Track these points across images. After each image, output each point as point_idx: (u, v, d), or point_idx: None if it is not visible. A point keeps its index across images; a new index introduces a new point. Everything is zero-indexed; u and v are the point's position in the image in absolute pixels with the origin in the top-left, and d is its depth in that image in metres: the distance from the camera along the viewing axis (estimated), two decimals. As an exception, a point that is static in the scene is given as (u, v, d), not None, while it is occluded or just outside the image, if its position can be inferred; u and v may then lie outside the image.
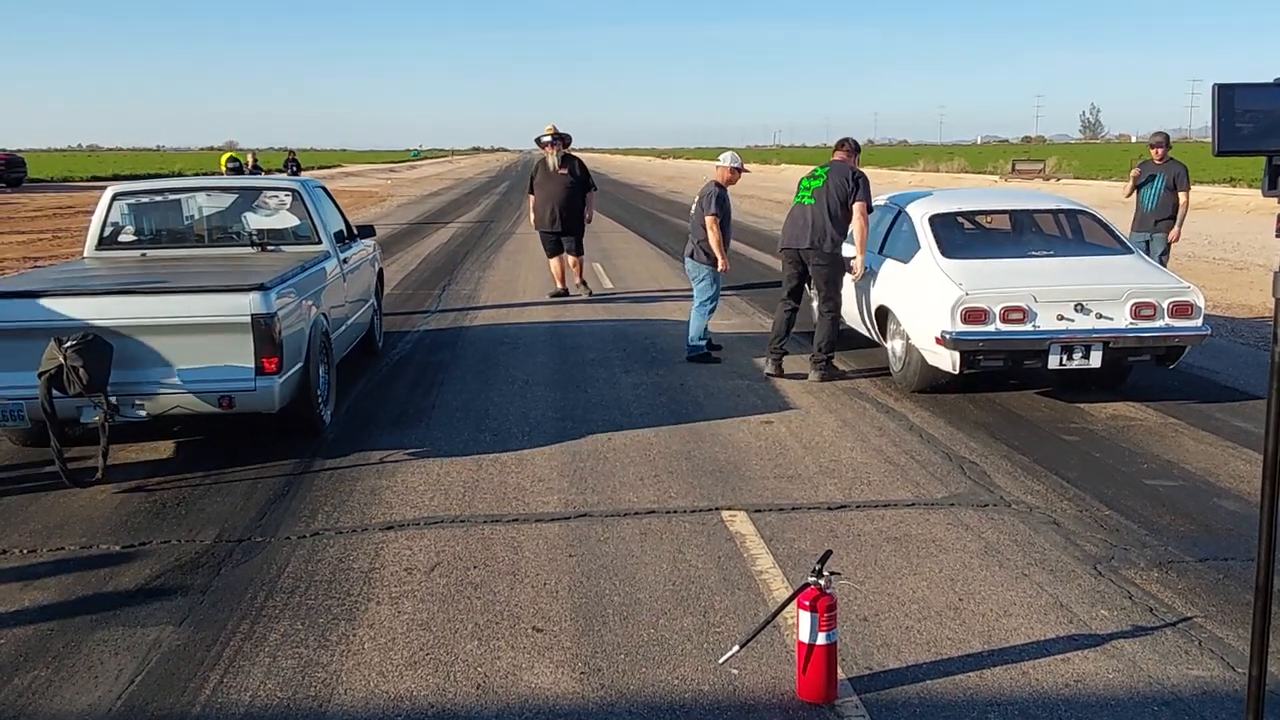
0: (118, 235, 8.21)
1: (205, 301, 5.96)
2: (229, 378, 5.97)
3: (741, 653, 3.80)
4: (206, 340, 5.93)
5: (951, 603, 4.35)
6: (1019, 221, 8.90)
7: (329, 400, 7.22)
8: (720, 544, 4.99)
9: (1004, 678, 3.73)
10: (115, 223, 8.21)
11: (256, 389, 6.00)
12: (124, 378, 5.86)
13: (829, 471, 6.07)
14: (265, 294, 5.99)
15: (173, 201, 8.68)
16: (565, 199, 12.88)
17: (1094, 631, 4.08)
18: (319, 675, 3.80)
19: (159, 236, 8.36)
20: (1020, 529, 5.17)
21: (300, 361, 6.47)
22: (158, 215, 8.52)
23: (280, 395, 6.11)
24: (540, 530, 5.20)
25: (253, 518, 5.41)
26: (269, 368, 6.00)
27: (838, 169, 8.46)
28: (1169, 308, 7.16)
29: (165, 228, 8.46)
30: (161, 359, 5.96)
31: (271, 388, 6.02)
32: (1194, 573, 4.64)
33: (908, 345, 7.78)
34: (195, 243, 8.38)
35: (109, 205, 8.19)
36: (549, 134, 12.86)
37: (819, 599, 3.47)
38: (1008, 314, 7.08)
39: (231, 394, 5.96)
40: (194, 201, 8.79)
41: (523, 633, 4.11)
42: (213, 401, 5.97)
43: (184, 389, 5.94)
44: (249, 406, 6.05)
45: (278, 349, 6.02)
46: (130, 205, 8.39)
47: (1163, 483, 5.85)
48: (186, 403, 5.98)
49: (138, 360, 5.92)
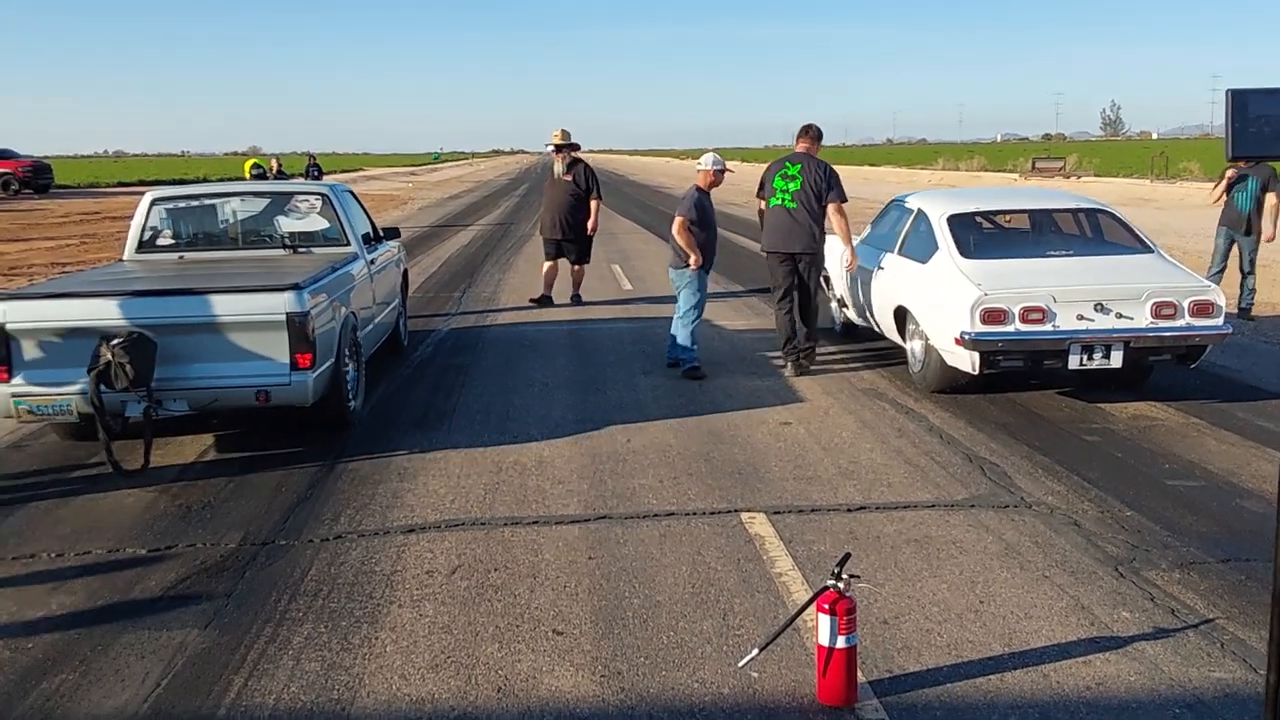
0: (156, 239, 8.51)
1: (243, 301, 6.20)
2: (265, 373, 6.23)
3: (761, 656, 3.81)
4: (244, 337, 6.18)
5: (972, 605, 4.34)
6: (1038, 221, 8.86)
7: (358, 394, 7.47)
8: (740, 546, 5.00)
9: (1025, 680, 3.73)
10: (154, 227, 8.51)
11: (291, 384, 6.25)
12: (167, 374, 6.13)
13: (848, 473, 6.08)
14: (299, 293, 6.25)
15: (208, 206, 9.01)
16: (571, 206, 12.49)
17: (1115, 633, 4.07)
18: (342, 678, 3.83)
19: (195, 240, 8.65)
20: (1041, 530, 5.16)
21: (331, 358, 6.71)
22: (194, 219, 8.82)
23: (313, 390, 6.37)
24: (560, 533, 5.23)
25: (277, 521, 5.46)
26: (303, 363, 6.26)
27: (808, 165, 8.72)
28: (1190, 307, 7.12)
29: (201, 231, 8.75)
30: (202, 356, 6.21)
31: (305, 382, 6.27)
32: (1216, 574, 4.62)
33: (927, 346, 7.77)
34: (230, 245, 8.66)
35: (148, 210, 8.50)
36: (557, 140, 12.56)
37: (839, 602, 3.48)
38: (1027, 314, 7.06)
39: (268, 388, 6.22)
40: (228, 206, 9.08)
41: (543, 635, 4.13)
42: (250, 396, 6.22)
43: (223, 384, 6.19)
44: (284, 400, 6.29)
45: (311, 346, 6.27)
46: (168, 210, 8.70)
47: (1185, 483, 5.82)
48: (225, 397, 6.24)
49: (179, 357, 6.17)
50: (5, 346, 6.14)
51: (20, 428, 7.31)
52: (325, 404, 6.72)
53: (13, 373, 6.16)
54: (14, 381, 6.15)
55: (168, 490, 5.99)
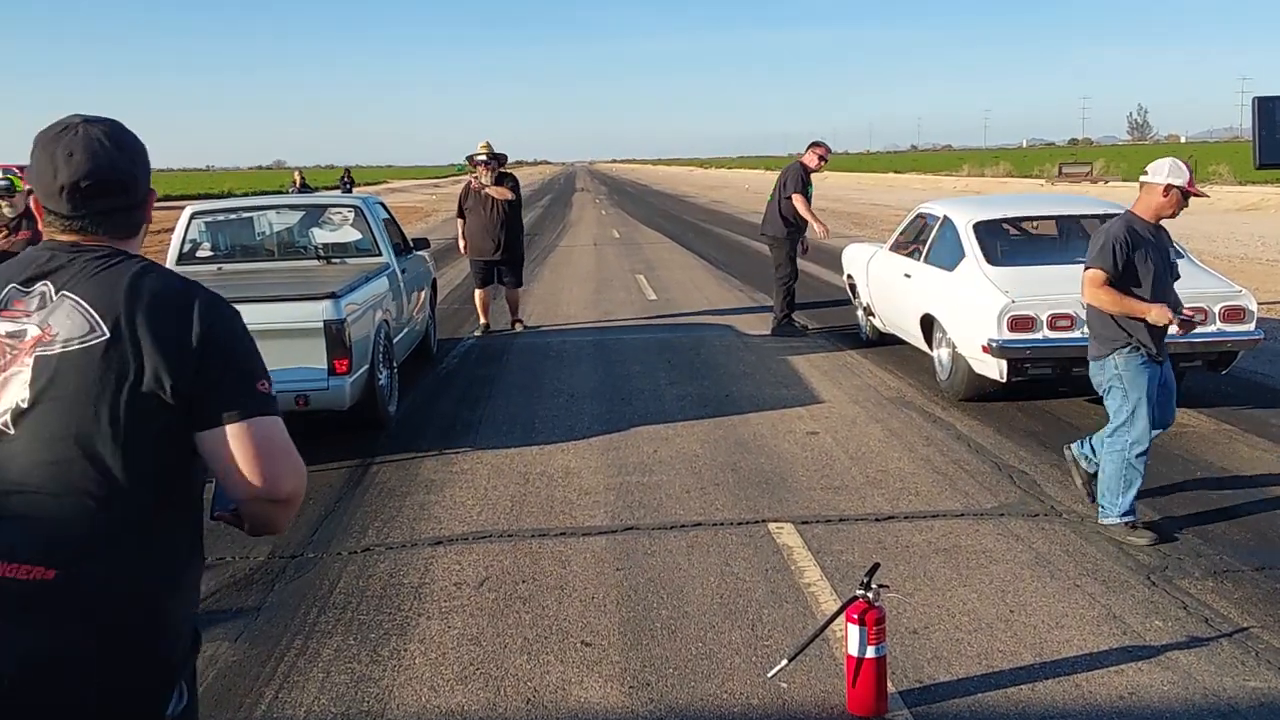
0: (195, 251, 8.73)
1: (282, 309, 6.40)
2: (304, 378, 6.41)
3: (790, 666, 3.79)
4: (283, 345, 6.27)
5: (1002, 614, 4.31)
6: (1065, 227, 8.81)
7: (391, 398, 7.67)
8: (768, 556, 4.99)
9: (1056, 690, 3.70)
10: (193, 240, 8.73)
11: (329, 388, 6.46)
12: None
13: (876, 482, 6.05)
14: (336, 302, 6.46)
15: (245, 219, 9.30)
16: (502, 223, 11.31)
17: (1148, 643, 4.03)
18: (371, 690, 3.85)
19: (233, 251, 8.89)
20: (1072, 539, 5.12)
21: (366, 364, 6.91)
22: (231, 232, 9.08)
23: (350, 394, 6.57)
24: (587, 544, 5.23)
25: (305, 534, 5.49)
26: (340, 369, 6.46)
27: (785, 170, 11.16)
28: (1220, 312, 7.06)
29: (239, 243, 9.00)
30: None
31: (343, 387, 6.47)
32: (1250, 582, 4.57)
33: (954, 354, 7.73)
34: (266, 257, 8.89)
35: (187, 223, 8.72)
36: (484, 152, 11.32)
37: (868, 612, 3.47)
38: (1055, 321, 7.02)
39: (307, 393, 6.42)
40: (265, 219, 9.35)
41: (572, 647, 4.14)
42: (289, 400, 6.34)
43: None
44: (322, 404, 6.50)
45: (348, 352, 6.46)
46: (207, 223, 8.93)
47: (1217, 490, 5.76)
48: None
49: None
50: None
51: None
52: (361, 407, 6.93)
53: None
54: None
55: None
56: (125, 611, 1.78)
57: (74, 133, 1.89)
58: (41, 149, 1.90)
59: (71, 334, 1.80)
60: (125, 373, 1.79)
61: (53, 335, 1.81)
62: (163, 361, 1.79)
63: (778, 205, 11.05)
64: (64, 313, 1.82)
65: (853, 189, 48.27)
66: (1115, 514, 5.07)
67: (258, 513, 1.88)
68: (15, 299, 1.86)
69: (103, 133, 1.90)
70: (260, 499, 1.84)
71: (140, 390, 1.79)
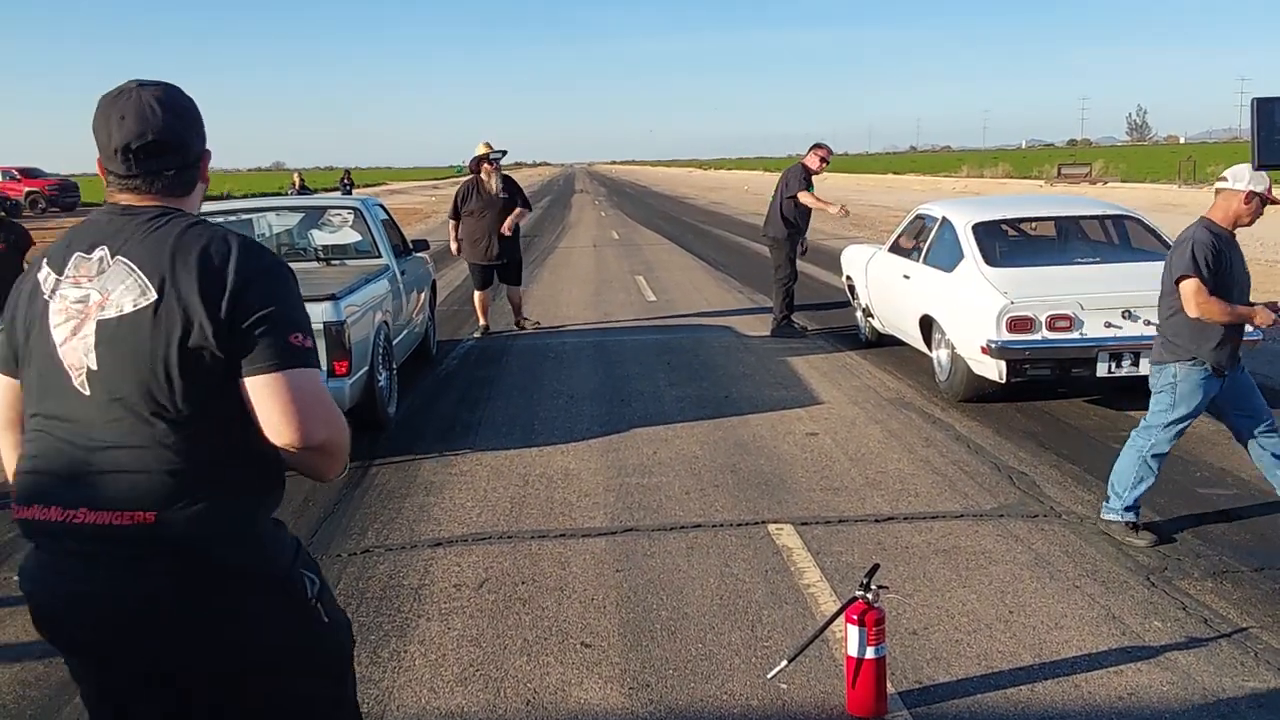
0: None
1: None
2: None
3: (790, 667, 3.79)
4: None
5: (1002, 615, 4.32)
6: (1064, 228, 8.82)
7: (391, 400, 7.69)
8: (767, 558, 4.99)
9: (1056, 691, 3.70)
10: None
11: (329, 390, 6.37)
12: None
13: (875, 483, 6.05)
14: (336, 303, 6.47)
15: (245, 221, 9.25)
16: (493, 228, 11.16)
17: (1147, 643, 4.04)
18: (371, 692, 3.84)
19: None
20: (1071, 540, 5.12)
21: (366, 365, 6.92)
22: None
23: (350, 395, 6.58)
24: (587, 545, 5.23)
25: (304, 535, 5.48)
26: (340, 370, 6.47)
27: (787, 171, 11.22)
28: (1220, 313, 7.05)
29: None
30: None
31: (342, 388, 6.48)
32: (1249, 582, 4.58)
33: (953, 355, 7.73)
34: None
35: None
36: (486, 151, 11.05)
37: (867, 613, 3.47)
38: (1054, 322, 7.02)
39: None
40: (264, 220, 9.37)
41: (571, 648, 4.14)
42: None
43: None
44: None
45: (347, 353, 6.48)
46: None
47: (1216, 491, 5.77)
48: None
49: None
50: None
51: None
52: (361, 409, 6.94)
53: None
54: None
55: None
56: (222, 540, 1.94)
57: (128, 97, 2.01)
58: (100, 112, 2.02)
59: (126, 297, 1.93)
60: (174, 330, 1.90)
61: (110, 299, 1.94)
62: (204, 317, 1.90)
63: (779, 207, 11.08)
64: (118, 277, 1.95)
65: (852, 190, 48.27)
66: (1119, 508, 5.06)
67: (300, 460, 1.99)
68: (80, 265, 1.99)
69: (154, 97, 2.02)
70: (294, 448, 1.94)
71: (189, 346, 1.90)
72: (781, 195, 11.09)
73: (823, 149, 11.20)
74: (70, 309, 1.96)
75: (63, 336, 1.96)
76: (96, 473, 1.92)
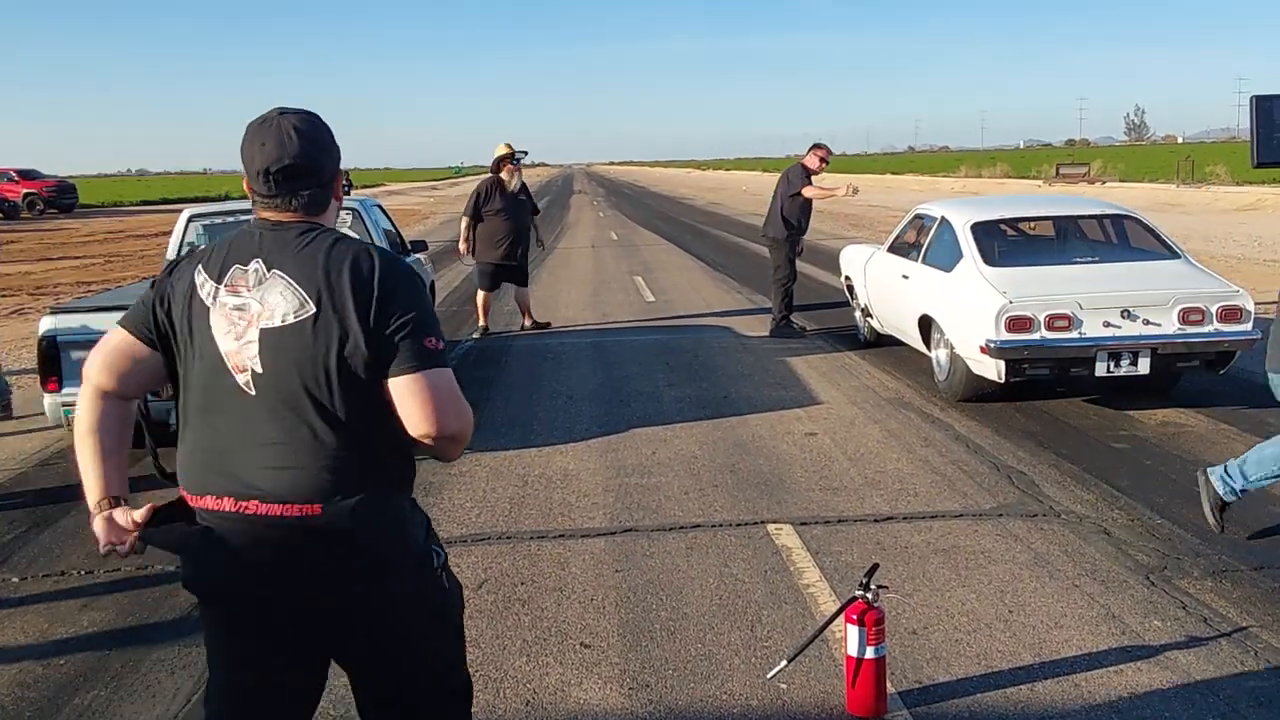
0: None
1: None
2: None
3: (790, 667, 3.79)
4: None
5: (1001, 615, 4.31)
6: (1063, 228, 8.83)
7: None
8: (767, 558, 4.99)
9: (1056, 690, 3.70)
10: (191, 242, 8.67)
11: None
12: None
13: (874, 483, 6.05)
14: None
15: (243, 222, 9.10)
16: (524, 228, 11.41)
17: (1147, 642, 4.03)
18: (371, 693, 3.84)
19: None
20: (1070, 539, 5.12)
21: None
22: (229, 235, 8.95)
23: None
24: (586, 546, 5.23)
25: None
26: None
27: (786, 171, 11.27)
28: (1218, 312, 7.07)
29: None
30: None
31: None
32: (1249, 581, 4.57)
33: (952, 354, 7.73)
34: None
35: (185, 226, 8.72)
36: (508, 151, 10.98)
37: (867, 612, 3.47)
38: (1053, 321, 7.02)
39: None
40: None
41: (571, 648, 4.13)
42: None
43: None
44: None
45: None
46: (204, 226, 8.89)
47: (1215, 490, 5.76)
48: None
49: None
50: (56, 358, 6.34)
51: (48, 446, 7.38)
52: None
53: (62, 383, 6.35)
54: (64, 392, 6.33)
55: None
56: (375, 525, 2.21)
57: (270, 125, 2.25)
58: (246, 138, 2.27)
59: (287, 309, 2.17)
60: (331, 338, 2.15)
61: (271, 310, 2.17)
62: (357, 325, 2.15)
63: (779, 207, 11.09)
64: (277, 290, 2.18)
65: (850, 190, 48.24)
66: (1236, 486, 4.89)
67: (430, 447, 2.25)
68: (237, 275, 2.22)
69: (293, 125, 2.25)
70: (429, 438, 2.20)
71: (344, 352, 2.15)
72: (782, 196, 11.09)
73: (822, 149, 11.20)
74: (231, 315, 2.19)
75: (227, 340, 2.19)
76: (265, 468, 2.16)
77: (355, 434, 2.18)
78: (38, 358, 6.46)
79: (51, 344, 6.35)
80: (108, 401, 2.31)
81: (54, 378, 6.37)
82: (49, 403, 6.42)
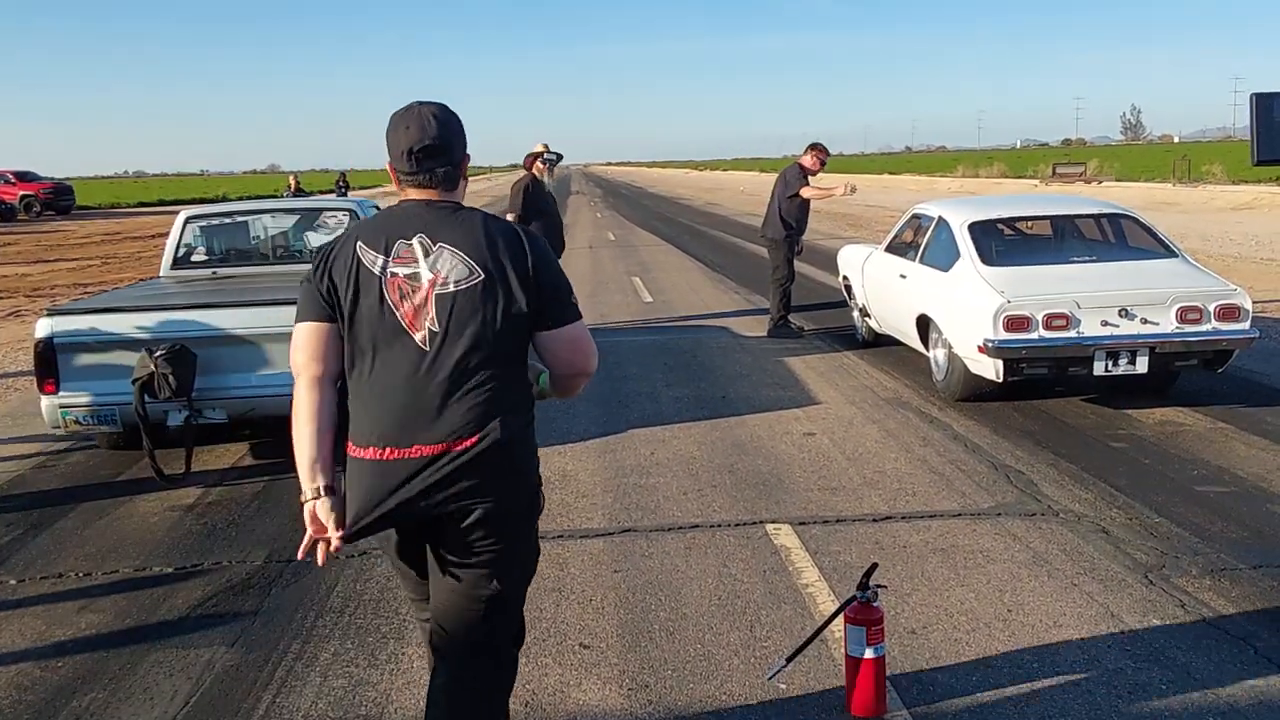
0: (190, 255, 8.68)
1: (278, 313, 6.33)
2: None
3: (789, 667, 3.79)
4: (278, 348, 6.28)
5: (1000, 614, 4.31)
6: (1060, 227, 8.83)
7: None
8: (765, 558, 4.98)
9: (1055, 689, 3.70)
10: (188, 244, 8.68)
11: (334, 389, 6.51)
12: (206, 384, 6.35)
13: (873, 483, 6.05)
14: None
15: (240, 223, 9.24)
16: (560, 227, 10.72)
17: (1146, 641, 4.03)
18: (369, 694, 3.84)
19: (228, 256, 8.82)
20: (1069, 538, 5.12)
21: None
22: (226, 236, 9.02)
23: None
24: (585, 546, 5.22)
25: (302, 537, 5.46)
26: None
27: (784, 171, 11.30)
28: (1215, 311, 7.07)
29: (233, 247, 8.94)
30: (239, 366, 6.44)
31: None
32: (1248, 580, 4.57)
33: (950, 354, 7.73)
34: (261, 261, 8.83)
35: (182, 228, 8.68)
36: (542, 150, 10.27)
37: (866, 612, 3.46)
38: (1050, 321, 7.02)
39: None
40: (259, 223, 9.31)
41: (570, 649, 4.13)
42: (285, 404, 6.27)
43: (259, 393, 6.41)
44: None
45: None
46: (201, 228, 8.90)
47: (1214, 489, 5.77)
48: (261, 405, 6.45)
49: (217, 368, 6.39)
50: (53, 360, 6.35)
51: (46, 448, 7.37)
52: None
53: (60, 385, 6.37)
54: (61, 394, 6.37)
55: (193, 509, 6.02)
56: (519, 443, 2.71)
57: (413, 113, 2.65)
58: (392, 125, 2.66)
59: (459, 277, 2.59)
60: (498, 300, 2.60)
61: (444, 278, 2.59)
62: (519, 289, 2.61)
63: (777, 208, 11.10)
64: (447, 260, 2.60)
65: (847, 190, 48.27)
66: None
67: (570, 385, 2.83)
68: (403, 248, 2.61)
69: (430, 112, 2.65)
70: (582, 374, 2.80)
71: (510, 311, 2.61)
72: (779, 196, 11.10)
73: (820, 149, 11.19)
74: (404, 284, 2.58)
75: (404, 306, 2.58)
76: (433, 411, 2.58)
77: (512, 375, 2.66)
78: (35, 360, 6.44)
79: (49, 346, 6.33)
80: (320, 386, 2.69)
81: (51, 380, 6.35)
82: (46, 405, 6.40)
